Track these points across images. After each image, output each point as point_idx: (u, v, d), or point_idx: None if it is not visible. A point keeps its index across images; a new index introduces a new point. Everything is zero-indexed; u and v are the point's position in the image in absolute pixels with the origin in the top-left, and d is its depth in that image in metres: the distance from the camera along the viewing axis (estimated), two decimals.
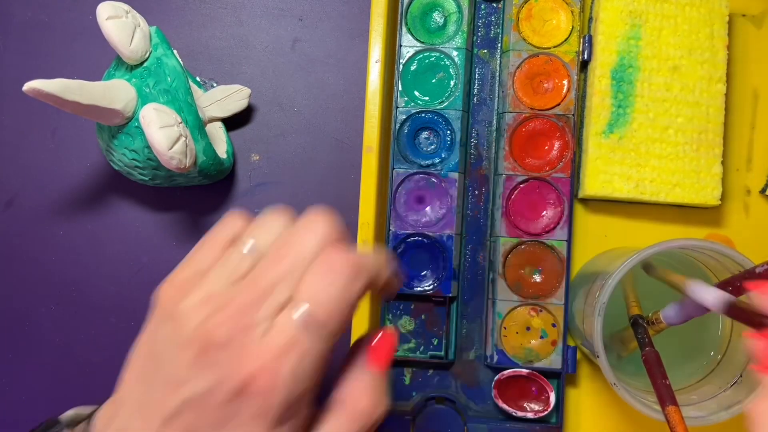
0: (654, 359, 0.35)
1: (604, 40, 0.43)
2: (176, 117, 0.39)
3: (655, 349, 0.36)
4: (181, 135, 0.39)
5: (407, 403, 0.44)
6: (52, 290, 0.46)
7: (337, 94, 0.47)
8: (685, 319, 0.37)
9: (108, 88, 0.39)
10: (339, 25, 0.47)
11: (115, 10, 0.39)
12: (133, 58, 0.40)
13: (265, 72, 0.47)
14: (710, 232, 0.45)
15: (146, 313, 0.28)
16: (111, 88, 0.39)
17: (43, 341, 0.46)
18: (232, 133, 0.47)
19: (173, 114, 0.39)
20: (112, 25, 0.39)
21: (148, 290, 0.28)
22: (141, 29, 0.40)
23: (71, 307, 0.46)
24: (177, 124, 0.39)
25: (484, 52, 0.45)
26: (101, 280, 0.46)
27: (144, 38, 0.40)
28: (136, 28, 0.40)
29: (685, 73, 0.43)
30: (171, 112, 0.39)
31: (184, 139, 0.39)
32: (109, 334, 0.46)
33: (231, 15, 0.48)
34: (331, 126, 0.47)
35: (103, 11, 0.39)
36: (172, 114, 0.39)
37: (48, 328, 0.46)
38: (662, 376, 0.35)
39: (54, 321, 0.46)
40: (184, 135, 0.39)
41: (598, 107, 0.43)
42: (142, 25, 0.40)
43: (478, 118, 0.45)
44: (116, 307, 0.46)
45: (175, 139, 0.38)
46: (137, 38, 0.40)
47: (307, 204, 0.46)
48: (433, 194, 0.43)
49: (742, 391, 0.38)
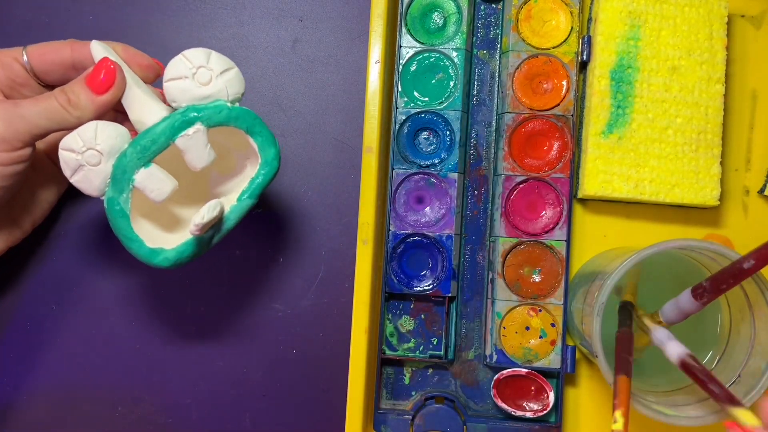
0: (625, 339, 0.37)
1: (603, 41, 0.43)
2: (85, 143, 0.36)
3: (631, 332, 0.37)
4: (83, 164, 0.36)
5: (407, 403, 0.44)
6: (52, 291, 0.46)
7: (337, 94, 0.47)
8: (683, 316, 0.37)
9: (146, 104, 0.37)
10: (339, 26, 0.48)
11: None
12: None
13: (266, 72, 0.47)
14: (709, 233, 0.45)
15: (144, 314, 0.28)
16: (145, 104, 0.37)
17: (44, 341, 0.46)
18: None
19: (80, 140, 0.36)
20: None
21: (149, 290, 0.28)
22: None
23: (71, 307, 0.46)
24: (81, 152, 0.36)
25: (484, 52, 0.45)
26: (101, 281, 0.47)
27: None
28: None
29: (684, 73, 0.43)
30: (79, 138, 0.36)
31: (87, 167, 0.36)
32: (110, 334, 0.46)
33: (231, 15, 0.48)
34: (331, 126, 0.47)
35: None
36: (79, 140, 0.36)
37: (48, 327, 0.46)
38: (627, 352, 0.36)
39: (54, 321, 0.46)
40: (89, 164, 0.36)
41: (598, 108, 0.43)
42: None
43: (478, 119, 0.45)
44: (116, 308, 0.46)
45: (74, 168, 0.36)
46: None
47: (307, 204, 0.47)
48: (432, 194, 0.43)
49: (740, 390, 0.38)
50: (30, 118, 0.36)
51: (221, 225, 0.38)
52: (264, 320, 0.46)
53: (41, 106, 0.36)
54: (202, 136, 0.36)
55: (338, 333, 0.46)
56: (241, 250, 0.46)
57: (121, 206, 0.36)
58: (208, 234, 0.37)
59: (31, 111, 0.36)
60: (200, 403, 0.46)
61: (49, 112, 0.36)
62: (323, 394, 0.46)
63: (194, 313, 0.46)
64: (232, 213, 0.38)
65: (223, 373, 0.46)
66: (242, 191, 0.38)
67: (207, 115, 0.36)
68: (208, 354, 0.46)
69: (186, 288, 0.46)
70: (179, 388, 0.46)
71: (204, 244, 0.38)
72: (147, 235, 0.38)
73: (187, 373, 0.46)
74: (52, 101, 0.36)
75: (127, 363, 0.46)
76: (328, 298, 0.46)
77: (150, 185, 0.36)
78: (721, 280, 0.35)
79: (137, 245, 0.37)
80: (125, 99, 0.37)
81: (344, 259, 0.46)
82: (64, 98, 0.36)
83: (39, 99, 0.36)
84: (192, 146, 0.36)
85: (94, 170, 0.36)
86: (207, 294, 0.46)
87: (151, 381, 0.46)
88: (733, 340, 0.41)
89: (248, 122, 0.37)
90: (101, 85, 0.36)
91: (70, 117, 0.36)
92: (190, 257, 0.38)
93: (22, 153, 0.36)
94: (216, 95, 0.37)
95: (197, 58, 0.36)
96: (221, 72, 0.37)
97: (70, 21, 0.48)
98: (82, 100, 0.36)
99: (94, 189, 0.36)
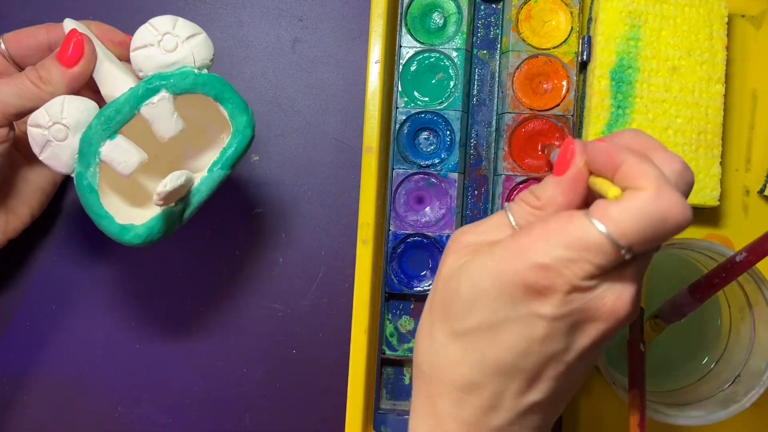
0: (636, 353, 0.36)
1: (603, 41, 0.43)
2: (51, 117, 0.35)
3: (643, 343, 0.37)
4: (50, 140, 0.35)
5: (407, 403, 0.44)
6: (51, 291, 0.46)
7: (337, 94, 0.47)
8: (681, 315, 0.37)
9: (115, 75, 0.36)
10: (339, 26, 0.47)
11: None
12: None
13: (265, 72, 0.47)
14: (709, 233, 0.45)
15: (144, 314, 0.28)
16: (117, 78, 0.36)
17: (43, 341, 0.46)
18: None
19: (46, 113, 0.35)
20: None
21: (148, 290, 0.28)
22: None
23: (71, 307, 0.46)
24: (47, 126, 0.35)
25: (484, 52, 0.45)
26: (100, 281, 0.47)
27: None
28: None
29: (685, 73, 0.43)
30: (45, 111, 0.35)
31: (54, 142, 0.35)
32: (109, 335, 0.46)
33: (231, 15, 0.48)
34: (331, 126, 0.47)
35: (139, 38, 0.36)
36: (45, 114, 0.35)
37: (47, 327, 0.46)
38: (640, 367, 0.36)
39: (54, 321, 0.46)
40: (56, 139, 0.35)
41: (598, 108, 0.43)
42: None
43: (478, 119, 0.45)
44: (116, 308, 0.46)
45: (42, 144, 0.36)
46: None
47: (307, 204, 0.47)
48: (432, 194, 0.43)
49: (740, 390, 0.38)
50: (2, 98, 0.36)
51: (190, 198, 0.37)
52: (264, 320, 0.46)
53: (12, 84, 0.36)
54: (167, 104, 0.36)
55: (338, 333, 0.46)
56: (241, 250, 0.46)
57: (88, 181, 0.35)
58: (178, 207, 0.36)
59: (2, 90, 0.36)
60: (200, 403, 0.46)
61: (20, 89, 0.36)
62: (323, 394, 0.46)
63: (194, 313, 0.46)
64: (203, 185, 0.37)
65: (223, 373, 0.46)
66: (213, 162, 0.37)
67: (172, 83, 0.35)
68: (208, 354, 0.46)
69: (186, 288, 0.46)
70: (179, 388, 0.46)
71: (175, 219, 0.37)
72: (119, 212, 0.36)
73: (187, 373, 0.46)
74: (23, 79, 0.36)
75: (127, 363, 0.46)
76: (328, 298, 0.46)
77: (117, 157, 0.35)
78: (713, 274, 0.35)
79: (107, 222, 0.36)
80: (97, 74, 0.36)
81: (344, 259, 0.46)
82: (35, 75, 0.36)
83: (10, 78, 0.36)
84: (158, 115, 0.36)
85: (62, 145, 0.35)
86: (207, 294, 0.46)
87: (151, 381, 0.46)
88: (733, 340, 0.41)
89: (217, 89, 0.36)
90: (71, 59, 0.36)
91: (43, 93, 0.36)
92: (161, 233, 0.36)
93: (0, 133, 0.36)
94: (182, 62, 0.36)
95: (163, 25, 0.36)
96: (187, 38, 0.36)
97: None
98: (53, 75, 0.36)
99: (63, 165, 0.36)
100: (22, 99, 0.36)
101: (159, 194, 0.33)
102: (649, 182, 0.24)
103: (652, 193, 0.24)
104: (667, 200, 0.24)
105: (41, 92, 0.36)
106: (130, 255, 0.47)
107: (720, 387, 0.40)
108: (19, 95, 0.36)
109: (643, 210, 0.24)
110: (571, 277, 0.25)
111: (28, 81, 0.36)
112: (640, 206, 0.24)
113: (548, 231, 0.26)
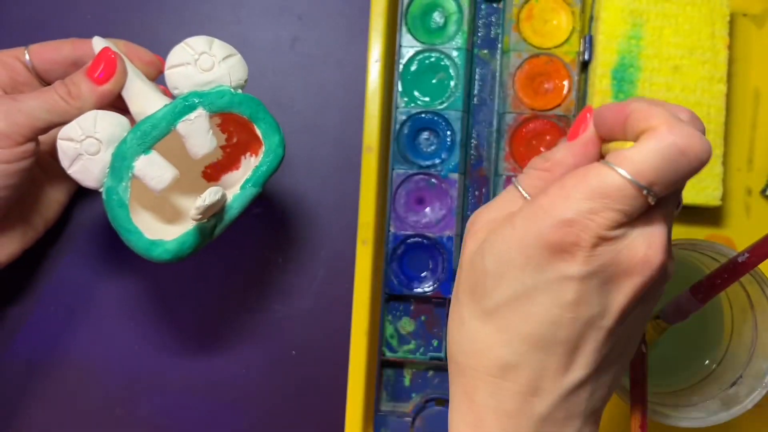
0: (638, 362, 0.36)
1: (605, 40, 0.43)
2: (83, 131, 0.35)
3: (645, 350, 0.36)
4: (81, 153, 0.35)
5: (407, 405, 0.44)
6: (58, 295, 0.46)
7: (336, 93, 0.47)
8: (683, 316, 0.37)
9: (146, 94, 0.37)
10: (339, 24, 0.47)
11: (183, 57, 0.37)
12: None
13: (264, 71, 0.47)
14: (711, 233, 0.45)
15: (143, 314, 0.28)
16: (147, 96, 0.37)
17: (48, 346, 0.46)
18: None
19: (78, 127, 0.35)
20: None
21: (147, 291, 0.28)
22: None
23: (71, 308, 0.46)
24: (79, 140, 0.35)
25: (485, 52, 0.45)
26: (100, 282, 0.46)
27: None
28: None
29: (686, 73, 0.43)
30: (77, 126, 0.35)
31: (86, 156, 0.35)
32: (109, 335, 0.46)
33: (230, 13, 0.48)
34: (330, 126, 0.47)
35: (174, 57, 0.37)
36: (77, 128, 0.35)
37: (53, 331, 0.46)
38: (642, 377, 0.35)
39: (55, 322, 0.46)
40: (87, 153, 0.35)
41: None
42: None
43: (479, 119, 0.45)
44: (115, 309, 0.46)
45: (72, 158, 0.35)
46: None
47: (307, 204, 0.46)
48: (433, 195, 0.43)
49: (742, 391, 0.38)
50: (30, 112, 0.35)
51: (223, 214, 0.37)
52: (264, 321, 0.46)
53: (41, 98, 0.36)
54: (204, 122, 0.36)
55: (338, 334, 0.45)
56: (240, 251, 0.46)
57: (119, 195, 0.36)
58: (210, 223, 0.37)
59: (30, 104, 0.35)
60: (200, 403, 0.46)
61: (49, 104, 0.36)
62: (323, 395, 0.46)
63: (194, 313, 0.46)
64: (235, 201, 0.38)
65: (224, 374, 0.46)
66: (246, 179, 0.38)
67: (209, 100, 0.36)
68: (208, 354, 0.46)
69: (185, 288, 0.46)
70: (179, 388, 0.46)
71: (206, 235, 0.37)
72: (146, 227, 0.37)
73: (187, 374, 0.46)
74: (51, 93, 0.36)
75: (127, 364, 0.46)
76: (328, 299, 0.46)
77: (150, 173, 0.35)
78: (716, 275, 0.35)
79: (136, 237, 0.36)
80: (126, 91, 0.37)
81: (344, 259, 0.46)
82: (64, 90, 0.36)
83: (39, 92, 0.36)
84: (193, 132, 0.36)
85: (93, 159, 0.35)
86: (207, 294, 0.46)
87: (151, 381, 0.46)
88: (735, 341, 0.41)
89: (251, 108, 0.37)
90: (102, 75, 0.36)
91: (71, 108, 0.36)
92: (192, 248, 0.37)
93: (25, 149, 0.36)
94: (218, 81, 0.37)
95: (199, 45, 0.36)
96: (224, 58, 0.37)
97: (69, 19, 0.48)
98: (83, 90, 0.36)
99: (93, 179, 0.36)
100: (51, 114, 0.36)
101: (198, 208, 0.34)
102: (661, 120, 0.24)
103: (665, 129, 0.24)
104: (681, 133, 0.24)
105: (70, 108, 0.36)
106: (128, 256, 0.46)
107: (722, 388, 0.40)
108: (48, 110, 0.36)
109: (658, 146, 0.24)
110: (596, 228, 0.25)
111: (57, 96, 0.36)
112: (656, 143, 0.24)
113: (566, 187, 0.25)
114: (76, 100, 0.36)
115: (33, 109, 0.35)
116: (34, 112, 0.35)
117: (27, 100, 0.36)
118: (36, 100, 0.36)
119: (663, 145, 0.24)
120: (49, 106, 0.36)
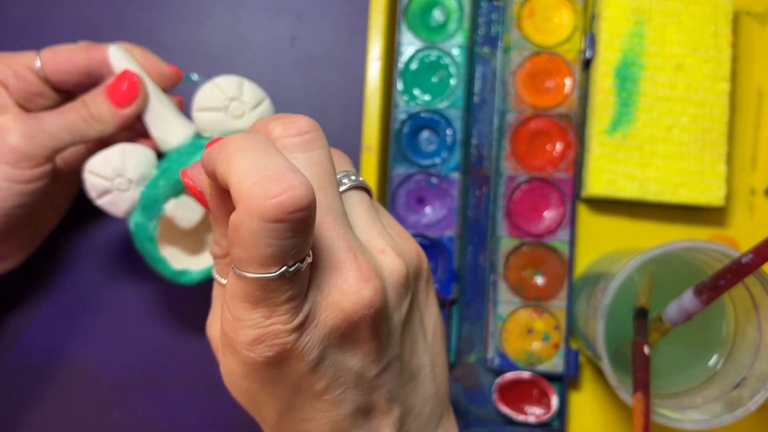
0: (641, 353, 0.36)
1: (607, 38, 0.42)
2: (114, 170, 0.36)
3: (648, 344, 0.36)
4: (112, 190, 0.36)
5: None
6: (63, 301, 0.46)
7: (336, 92, 0.47)
8: (687, 316, 0.37)
9: (170, 121, 0.37)
10: (338, 23, 0.47)
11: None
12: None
13: (263, 70, 0.47)
14: (714, 233, 0.45)
15: (143, 314, 0.27)
16: (169, 121, 0.37)
17: (43, 345, 0.46)
18: None
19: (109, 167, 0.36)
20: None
21: (147, 291, 0.28)
22: None
23: (70, 309, 0.46)
24: (110, 179, 0.36)
25: (486, 50, 0.45)
26: (99, 283, 0.46)
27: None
28: None
29: (690, 71, 0.42)
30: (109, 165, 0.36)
31: (116, 192, 0.37)
32: (108, 336, 0.46)
33: (228, 11, 0.47)
34: (330, 125, 0.46)
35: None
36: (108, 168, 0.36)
37: (54, 337, 0.46)
38: (644, 369, 0.35)
39: (54, 323, 0.46)
40: (118, 189, 0.36)
41: (602, 106, 0.42)
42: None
43: (479, 118, 0.44)
44: (114, 310, 0.46)
45: (101, 192, 0.36)
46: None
47: None
48: (433, 195, 0.43)
49: (745, 393, 0.38)
50: (52, 133, 0.35)
51: None
52: None
53: (62, 119, 0.35)
54: None
55: None
56: None
57: (149, 232, 0.37)
58: None
59: (52, 125, 0.35)
60: (200, 404, 0.46)
61: (70, 125, 0.36)
62: None
63: (193, 313, 0.46)
64: None
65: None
66: None
67: None
68: (208, 355, 0.46)
69: (184, 289, 0.46)
70: (179, 389, 0.46)
71: None
72: (172, 257, 0.39)
73: (187, 375, 0.46)
74: (73, 114, 0.36)
75: (126, 364, 0.46)
76: None
77: (180, 214, 0.37)
78: (719, 276, 0.35)
79: (164, 266, 0.38)
80: (148, 115, 0.37)
81: None
82: (85, 111, 0.36)
83: (60, 113, 0.36)
84: None
85: (123, 196, 0.36)
86: (206, 295, 0.46)
87: (151, 383, 0.46)
88: (739, 343, 0.41)
89: None
90: (123, 99, 0.36)
91: (92, 130, 0.36)
92: None
93: (44, 169, 0.36)
94: (248, 129, 0.37)
95: (230, 89, 0.37)
96: (254, 106, 0.37)
97: (67, 19, 0.47)
98: (104, 113, 0.36)
99: (121, 212, 0.37)
100: (72, 135, 0.36)
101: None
102: (233, 187, 0.22)
103: (240, 205, 0.21)
104: (253, 197, 0.21)
105: (90, 129, 0.36)
106: (127, 262, 0.46)
107: (725, 390, 0.39)
108: (69, 131, 0.36)
109: (233, 223, 0.22)
110: (282, 329, 0.23)
111: (78, 117, 0.36)
112: (232, 221, 0.22)
113: (229, 308, 0.24)
114: (98, 123, 0.36)
115: (54, 129, 0.35)
116: (56, 133, 0.35)
117: (49, 121, 0.35)
118: (57, 121, 0.35)
119: (234, 221, 0.21)
120: (71, 128, 0.36)
